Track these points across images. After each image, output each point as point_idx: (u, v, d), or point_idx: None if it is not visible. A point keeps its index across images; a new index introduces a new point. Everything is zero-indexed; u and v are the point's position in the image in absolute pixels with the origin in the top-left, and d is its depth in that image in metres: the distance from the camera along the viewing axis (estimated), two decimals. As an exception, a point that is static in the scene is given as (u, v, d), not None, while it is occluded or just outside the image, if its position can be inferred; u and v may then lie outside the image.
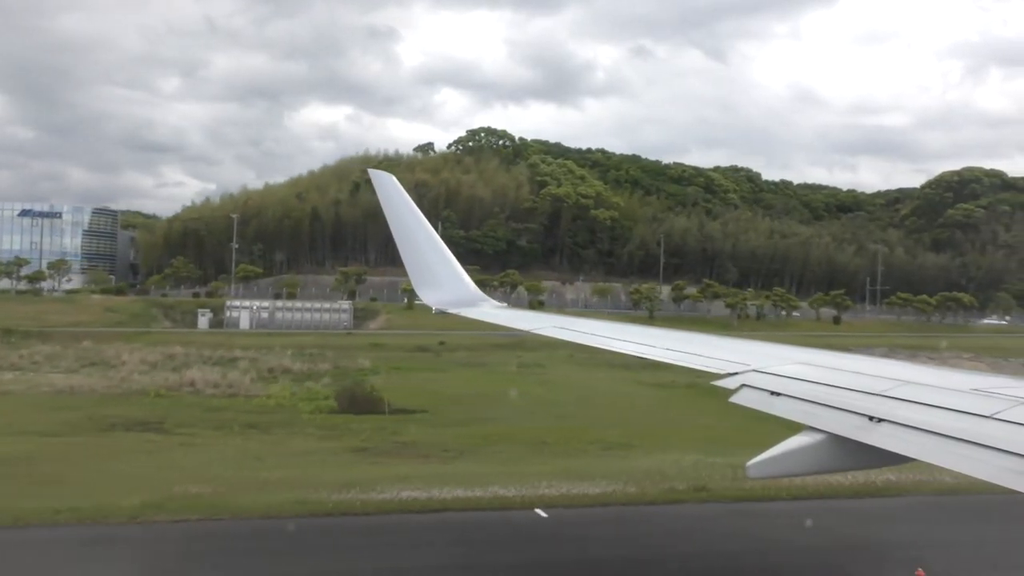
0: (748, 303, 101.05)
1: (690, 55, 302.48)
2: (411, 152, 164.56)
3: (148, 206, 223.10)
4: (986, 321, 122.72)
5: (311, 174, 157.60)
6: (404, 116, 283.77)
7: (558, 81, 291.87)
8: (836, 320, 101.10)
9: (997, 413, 4.94)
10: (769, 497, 16.89)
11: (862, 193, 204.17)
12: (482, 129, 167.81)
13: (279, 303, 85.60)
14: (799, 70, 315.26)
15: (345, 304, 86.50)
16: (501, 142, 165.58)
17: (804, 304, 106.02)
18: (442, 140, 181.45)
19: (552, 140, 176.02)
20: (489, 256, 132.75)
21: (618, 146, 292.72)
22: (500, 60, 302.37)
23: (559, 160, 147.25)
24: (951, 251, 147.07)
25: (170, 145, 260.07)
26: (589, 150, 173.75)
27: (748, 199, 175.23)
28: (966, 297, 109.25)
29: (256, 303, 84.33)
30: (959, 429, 4.91)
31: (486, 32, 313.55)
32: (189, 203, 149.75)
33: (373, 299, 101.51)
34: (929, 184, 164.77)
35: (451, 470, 20.90)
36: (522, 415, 33.68)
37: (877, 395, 5.74)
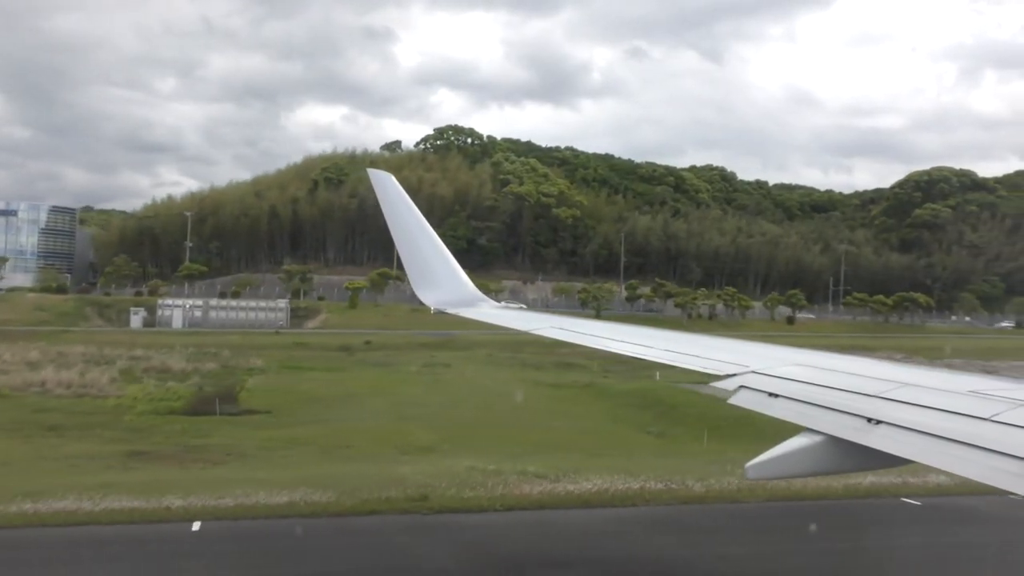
0: (701, 303, 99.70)
1: (686, 57, 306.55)
2: (378, 150, 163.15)
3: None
4: (949, 321, 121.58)
5: (277, 172, 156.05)
6: (401, 116, 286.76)
7: (554, 82, 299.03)
8: (790, 320, 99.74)
9: (995, 415, 4.92)
10: (459, 509, 15.47)
11: (839, 193, 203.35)
12: (449, 127, 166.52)
13: (212, 301, 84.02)
14: (794, 72, 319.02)
15: (281, 303, 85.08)
16: (469, 140, 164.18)
17: (758, 304, 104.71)
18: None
19: (524, 139, 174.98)
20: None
21: (615, 147, 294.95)
22: (496, 61, 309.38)
23: (522, 158, 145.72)
24: (918, 251, 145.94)
25: (167, 145, 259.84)
26: (558, 148, 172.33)
27: (720, 198, 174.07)
28: (922, 297, 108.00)
29: (189, 302, 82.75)
30: (957, 431, 4.88)
31: (482, 33, 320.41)
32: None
33: (321, 298, 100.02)
34: (899, 184, 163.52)
35: (199, 476, 19.39)
36: (371, 416, 32.62)
37: (875, 397, 5.72)
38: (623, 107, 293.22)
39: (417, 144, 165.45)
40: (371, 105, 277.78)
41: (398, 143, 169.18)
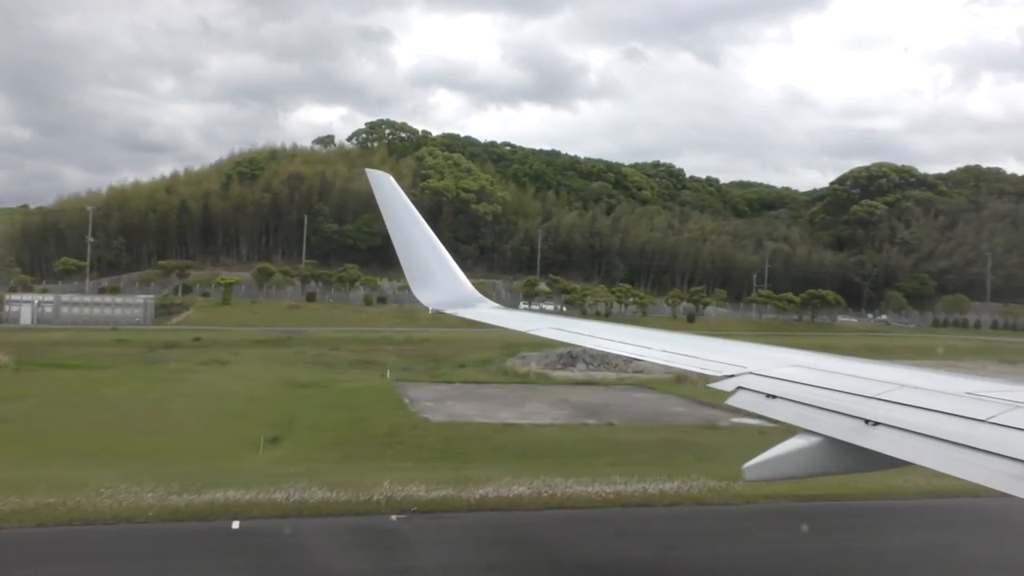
0: (599, 300, 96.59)
1: (682, 58, 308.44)
2: (311, 145, 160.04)
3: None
4: (865, 319, 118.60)
5: (202, 168, 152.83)
6: (398, 116, 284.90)
7: (551, 83, 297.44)
8: (690, 318, 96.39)
9: (992, 417, 4.95)
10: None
11: (796, 191, 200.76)
12: (383, 122, 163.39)
13: (65, 297, 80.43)
14: (791, 74, 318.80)
15: (140, 299, 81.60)
16: (403, 135, 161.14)
17: (659, 301, 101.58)
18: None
19: (464, 135, 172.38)
20: (362, 251, 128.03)
21: (611, 149, 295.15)
22: (494, 62, 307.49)
23: (446, 153, 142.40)
24: (852, 248, 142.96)
25: (165, 145, 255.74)
26: (494, 143, 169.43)
27: (665, 196, 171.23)
28: (831, 295, 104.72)
29: (39, 297, 79.21)
30: (955, 433, 4.90)
31: (480, 34, 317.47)
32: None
33: (205, 294, 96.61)
34: (838, 180, 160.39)
35: None
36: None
37: (873, 398, 5.75)
38: (620, 109, 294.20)
39: (349, 138, 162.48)
40: (369, 106, 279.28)
41: (331, 137, 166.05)
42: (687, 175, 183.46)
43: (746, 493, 16.00)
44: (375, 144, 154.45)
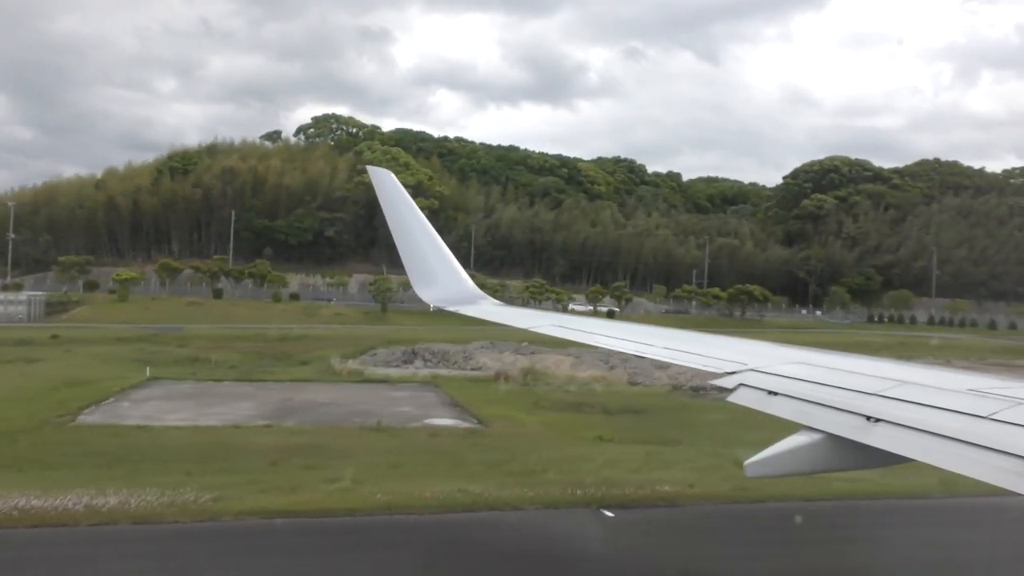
0: (513, 296, 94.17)
1: (682, 57, 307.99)
2: (257, 140, 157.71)
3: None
4: (799, 315, 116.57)
5: (142, 164, 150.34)
6: (399, 116, 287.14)
7: (551, 83, 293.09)
8: (610, 314, 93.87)
9: (994, 414, 4.94)
10: None
11: (763, 187, 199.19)
12: (330, 116, 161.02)
13: (-70, 294, 77.74)
14: (790, 72, 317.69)
15: (23, 295, 78.91)
16: (352, 130, 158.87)
17: (580, 296, 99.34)
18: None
19: (419, 130, 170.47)
20: (294, 247, 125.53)
21: (612, 148, 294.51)
22: (494, 62, 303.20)
23: (385, 147, 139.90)
24: (802, 243, 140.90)
25: (167, 145, 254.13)
26: (446, 138, 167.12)
27: (622, 191, 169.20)
28: (758, 290, 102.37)
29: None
30: (956, 429, 4.87)
31: (480, 34, 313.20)
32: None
33: (112, 291, 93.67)
34: (791, 174, 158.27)
35: None
36: None
37: (874, 395, 5.72)
38: (620, 108, 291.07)
39: (296, 133, 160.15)
40: (370, 105, 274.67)
41: (278, 133, 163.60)
42: (650, 170, 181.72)
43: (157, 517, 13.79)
44: (319, 140, 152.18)
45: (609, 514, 14.22)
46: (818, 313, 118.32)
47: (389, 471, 17.09)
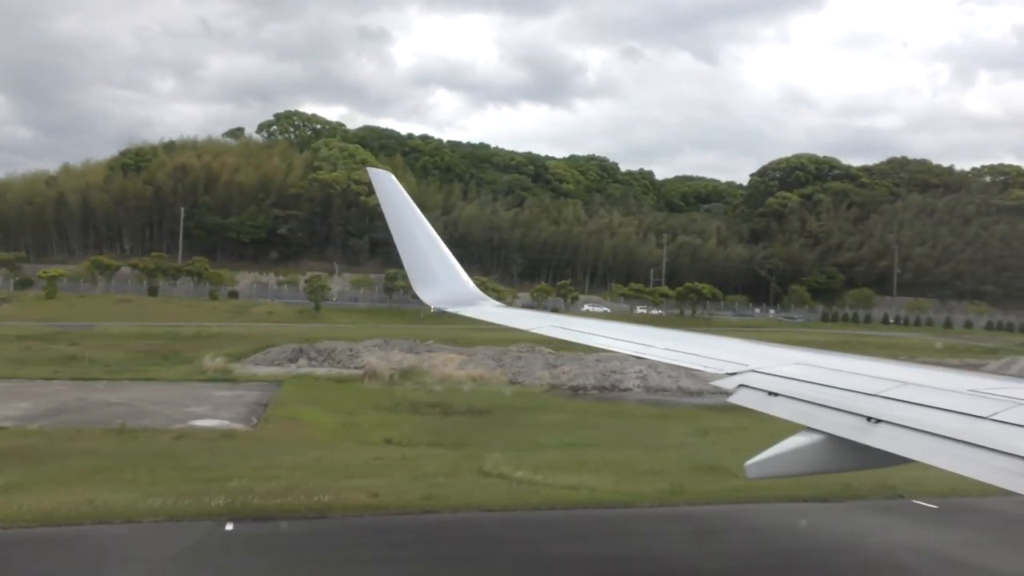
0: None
1: (680, 57, 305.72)
2: (220, 136, 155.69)
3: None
4: (753, 314, 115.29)
5: (97, 162, 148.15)
6: (398, 116, 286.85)
7: (550, 83, 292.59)
8: (554, 312, 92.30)
9: (995, 414, 4.94)
10: None
11: (739, 185, 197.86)
12: (293, 112, 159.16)
13: None
14: (788, 72, 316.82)
15: (-59, 295, 77.10)
16: (316, 126, 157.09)
17: (524, 295, 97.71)
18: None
19: (389, 128, 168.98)
20: (246, 244, 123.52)
21: (610, 148, 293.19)
22: (492, 62, 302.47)
23: (342, 144, 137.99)
24: (765, 241, 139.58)
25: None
26: (411, 136, 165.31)
27: (592, 189, 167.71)
28: (707, 288, 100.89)
29: None
30: (957, 430, 4.86)
31: (478, 34, 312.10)
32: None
33: (53, 288, 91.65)
34: (759, 172, 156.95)
35: None
36: None
37: (875, 396, 5.71)
38: (619, 108, 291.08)
39: (258, 130, 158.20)
40: (369, 105, 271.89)
41: (241, 130, 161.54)
42: (623, 169, 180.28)
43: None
44: (280, 136, 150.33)
45: (229, 527, 12.56)
46: (772, 312, 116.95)
47: (72, 477, 15.45)
